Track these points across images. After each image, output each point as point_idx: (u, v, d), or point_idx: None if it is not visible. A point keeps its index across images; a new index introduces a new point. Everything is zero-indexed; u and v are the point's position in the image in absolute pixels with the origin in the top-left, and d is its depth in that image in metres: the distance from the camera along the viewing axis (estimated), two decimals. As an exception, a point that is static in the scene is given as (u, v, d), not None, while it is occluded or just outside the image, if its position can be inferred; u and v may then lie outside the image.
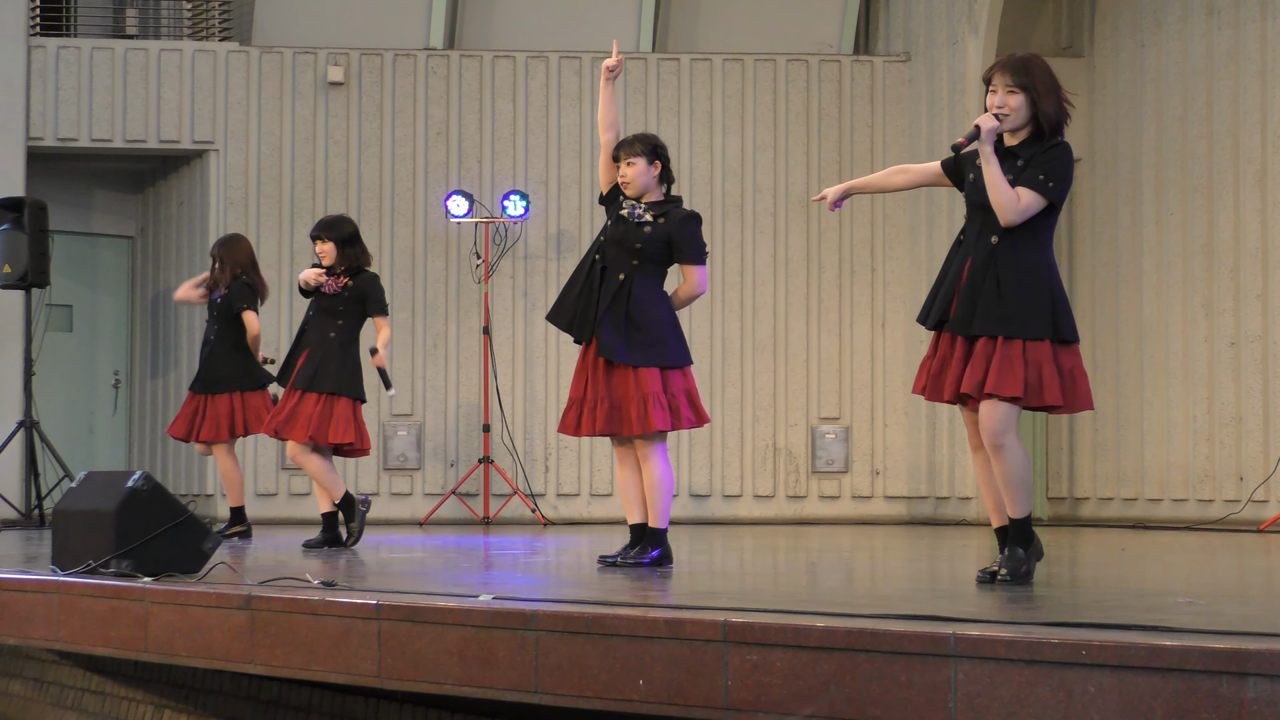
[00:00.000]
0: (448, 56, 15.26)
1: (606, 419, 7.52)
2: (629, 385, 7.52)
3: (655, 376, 7.52)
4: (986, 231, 6.24)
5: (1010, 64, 6.27)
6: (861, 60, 15.43)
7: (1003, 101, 6.22)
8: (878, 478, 15.19)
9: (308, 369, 9.70)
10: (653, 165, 7.68)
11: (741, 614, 4.91)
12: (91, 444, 15.95)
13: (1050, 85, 6.25)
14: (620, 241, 7.59)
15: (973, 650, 4.34)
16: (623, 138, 7.80)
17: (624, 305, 7.53)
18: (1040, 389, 6.15)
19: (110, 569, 6.92)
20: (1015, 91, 6.22)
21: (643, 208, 7.64)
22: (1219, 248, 13.79)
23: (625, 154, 7.68)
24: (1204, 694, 4.03)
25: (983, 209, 6.25)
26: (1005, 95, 6.23)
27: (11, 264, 13.66)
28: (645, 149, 7.69)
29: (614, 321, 7.51)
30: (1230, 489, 13.63)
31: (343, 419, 9.67)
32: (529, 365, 15.09)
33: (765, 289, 15.26)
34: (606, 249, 7.63)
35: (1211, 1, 13.91)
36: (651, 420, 7.46)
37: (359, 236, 9.99)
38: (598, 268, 7.60)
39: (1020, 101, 6.22)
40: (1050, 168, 6.19)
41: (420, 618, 5.52)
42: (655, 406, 7.49)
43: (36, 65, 14.93)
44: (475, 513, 14.72)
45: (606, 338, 7.51)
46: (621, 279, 7.55)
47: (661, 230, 7.60)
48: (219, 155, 15.07)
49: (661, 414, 7.49)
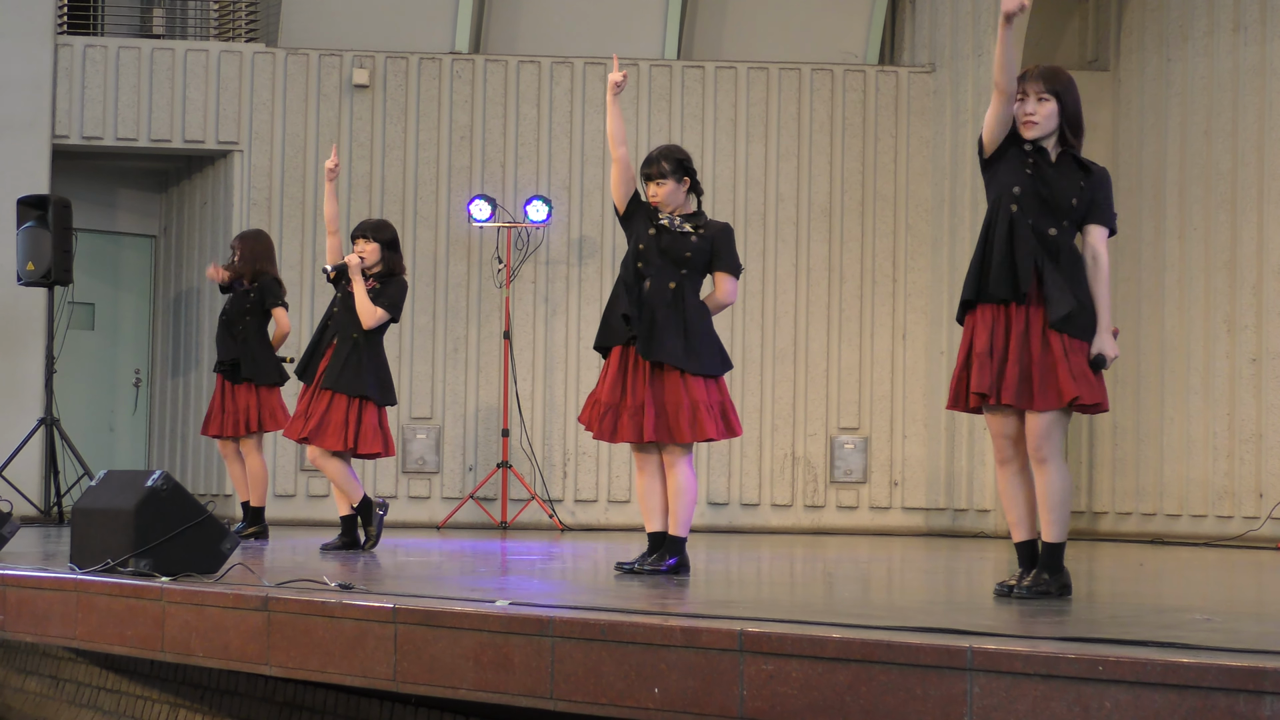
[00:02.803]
0: (473, 61, 15.28)
1: (655, 425, 7.52)
2: (680, 392, 7.54)
3: (707, 385, 7.57)
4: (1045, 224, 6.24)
5: (1040, 72, 6.33)
6: (886, 71, 15.42)
7: (1033, 109, 6.27)
8: (896, 489, 15.17)
9: (334, 368, 9.64)
10: (682, 183, 7.73)
11: (758, 623, 4.90)
12: (111, 442, 15.99)
13: (1072, 91, 6.36)
14: (667, 251, 7.63)
15: (989, 664, 4.33)
16: (647, 155, 7.83)
17: (681, 313, 7.57)
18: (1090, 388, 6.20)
19: (128, 568, 6.93)
20: (1046, 99, 6.27)
21: (679, 219, 7.69)
22: (1242, 263, 13.75)
23: (655, 174, 7.71)
24: (1221, 711, 4.02)
25: (1045, 204, 6.25)
26: (1036, 103, 6.27)
27: (35, 261, 13.70)
28: (673, 167, 7.72)
29: (673, 328, 7.54)
30: (1250, 505, 13.59)
31: (371, 427, 9.65)
32: (549, 370, 15.10)
33: (786, 298, 15.25)
34: (649, 258, 7.65)
35: (1238, 17, 13.89)
36: (704, 429, 7.51)
37: (399, 244, 9.96)
38: (643, 277, 7.63)
39: (1051, 110, 6.26)
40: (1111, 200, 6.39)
41: (436, 622, 5.52)
42: (707, 415, 7.51)
43: (63, 64, 14.97)
44: (493, 517, 14.72)
45: (669, 343, 7.52)
46: (673, 287, 7.60)
47: (706, 240, 7.68)
48: (243, 156, 15.11)
49: (714, 423, 7.53)
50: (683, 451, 7.57)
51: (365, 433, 9.61)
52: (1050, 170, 6.27)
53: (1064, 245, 6.24)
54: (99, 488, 7.43)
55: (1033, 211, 6.25)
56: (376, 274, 9.82)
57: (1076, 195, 6.26)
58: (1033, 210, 6.26)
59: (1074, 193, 6.26)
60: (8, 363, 14.70)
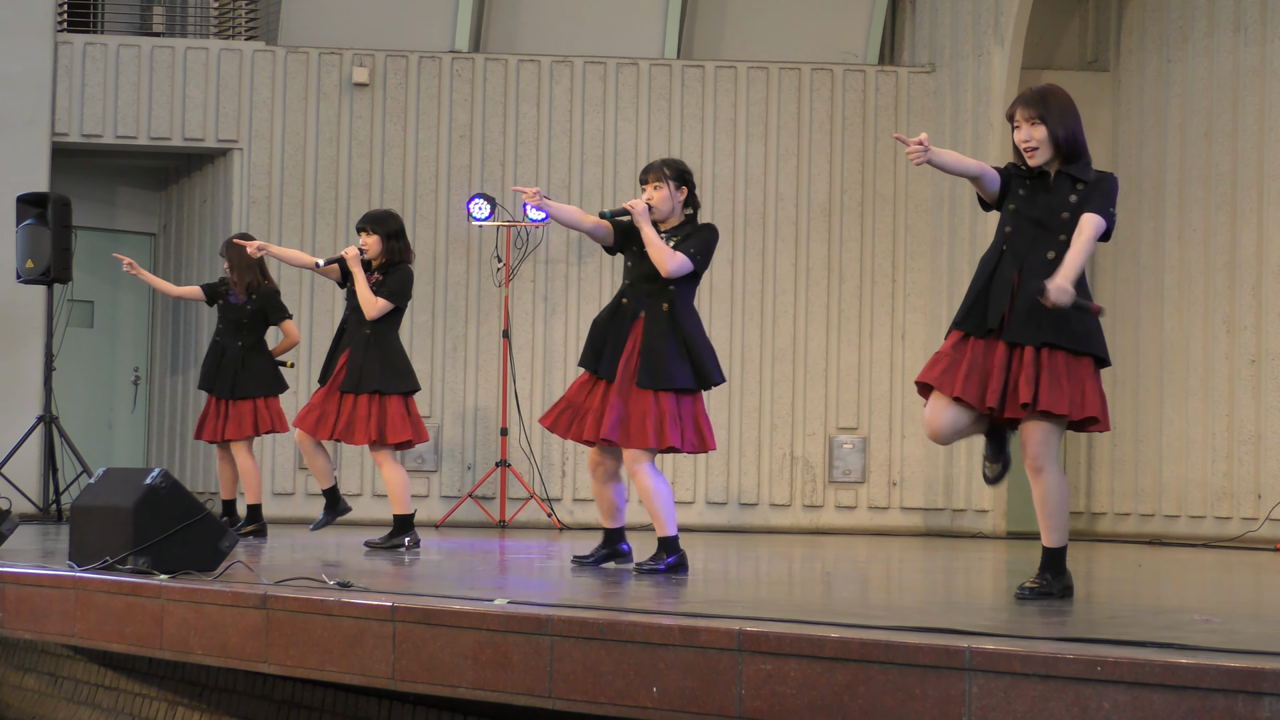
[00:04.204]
0: (472, 60, 15.28)
1: (612, 426, 7.63)
2: (647, 401, 7.62)
3: (679, 398, 7.66)
4: (1041, 247, 6.25)
5: (1027, 98, 6.39)
6: (886, 71, 15.43)
7: (1028, 135, 6.32)
8: (895, 489, 15.17)
9: (352, 371, 9.63)
10: (678, 191, 7.75)
11: (756, 623, 4.91)
12: (110, 440, 15.99)
13: (1064, 110, 6.33)
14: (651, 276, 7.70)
15: (988, 664, 4.33)
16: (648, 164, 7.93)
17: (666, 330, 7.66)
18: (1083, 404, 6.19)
19: (127, 566, 6.93)
20: (1037, 124, 6.31)
21: (664, 235, 7.72)
22: (1241, 264, 13.76)
23: (652, 177, 7.74)
24: (1219, 712, 4.02)
25: (1039, 225, 6.26)
26: (1029, 130, 6.32)
27: (34, 259, 13.69)
28: (671, 173, 7.78)
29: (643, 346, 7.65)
30: (1248, 507, 13.59)
31: (397, 416, 9.63)
32: (548, 369, 15.10)
33: (786, 298, 15.25)
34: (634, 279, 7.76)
35: (1238, 18, 13.89)
36: (667, 436, 7.61)
37: (404, 233, 9.90)
38: (623, 297, 7.75)
39: (1044, 134, 6.31)
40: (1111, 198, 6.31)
41: (435, 620, 5.52)
42: (673, 425, 7.59)
43: (63, 61, 14.97)
44: (491, 516, 14.73)
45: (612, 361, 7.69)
46: (666, 309, 7.69)
47: (684, 248, 7.72)
48: (243, 154, 15.11)
49: (677, 433, 7.61)
50: (640, 457, 7.62)
51: (393, 422, 9.61)
52: (1044, 193, 6.29)
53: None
54: (98, 485, 7.43)
55: (1027, 237, 6.28)
56: (380, 265, 9.80)
57: (1068, 210, 6.27)
58: (1027, 236, 6.29)
59: (1065, 207, 6.28)
60: (7, 360, 14.70)
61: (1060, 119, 6.30)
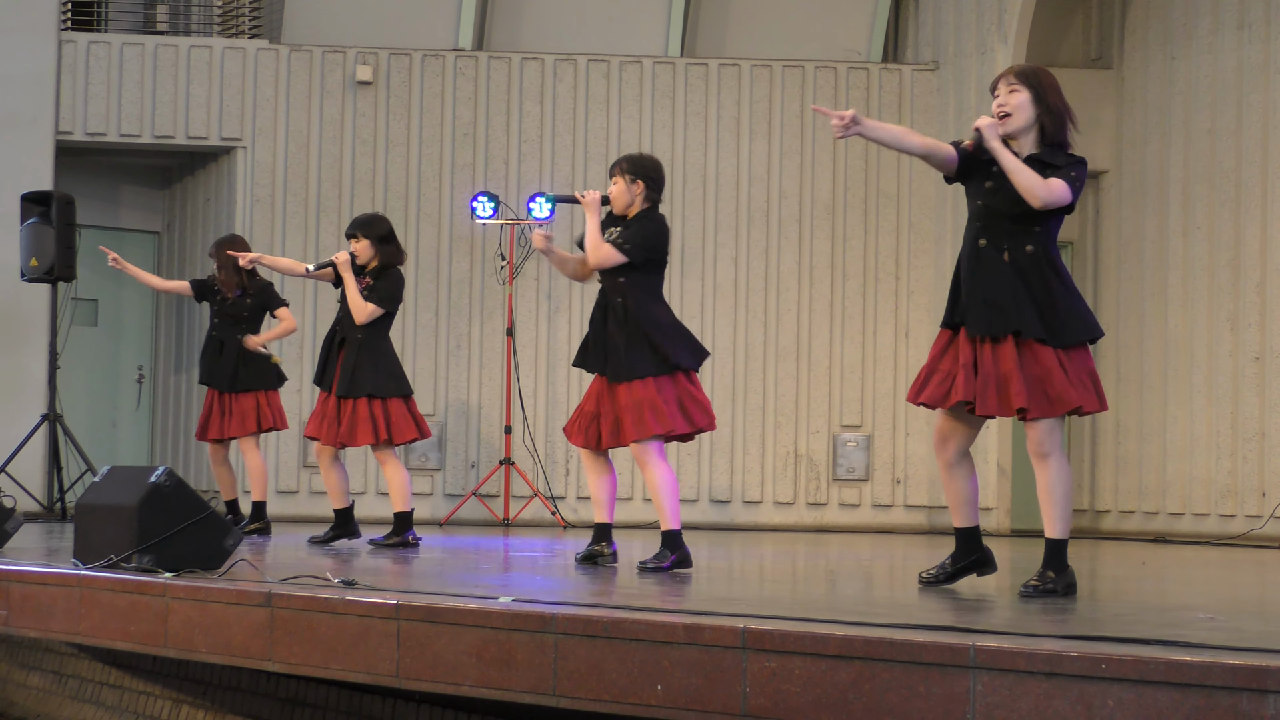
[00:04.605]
0: (476, 58, 15.28)
1: (610, 433, 7.82)
2: (624, 395, 7.78)
3: (659, 382, 7.77)
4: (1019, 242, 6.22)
5: (1012, 68, 6.37)
6: (890, 68, 15.42)
7: (1004, 100, 6.25)
8: (898, 486, 15.17)
9: (345, 374, 9.66)
10: (634, 185, 7.99)
11: (760, 620, 4.91)
12: (114, 438, 16.00)
13: (1048, 87, 6.27)
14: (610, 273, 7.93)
15: (992, 662, 4.33)
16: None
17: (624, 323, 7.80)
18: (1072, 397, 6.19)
19: (131, 564, 6.94)
20: (1017, 89, 6.25)
21: (616, 231, 7.93)
22: (1245, 262, 13.75)
23: (613, 171, 8.08)
24: (1224, 710, 4.02)
25: (1012, 219, 6.23)
26: (1007, 95, 6.26)
27: (38, 257, 13.70)
28: (628, 166, 8.05)
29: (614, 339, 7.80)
30: (1253, 504, 13.58)
31: (400, 417, 9.71)
32: (551, 367, 15.10)
33: (789, 295, 15.25)
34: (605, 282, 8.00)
35: (1242, 15, 13.88)
36: (646, 426, 7.70)
37: (394, 235, 9.98)
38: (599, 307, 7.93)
39: (1022, 100, 6.23)
40: (1078, 171, 6.20)
41: (439, 618, 5.52)
42: (650, 412, 7.69)
43: (67, 60, 14.97)
44: (495, 514, 14.73)
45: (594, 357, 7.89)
46: (620, 301, 7.86)
47: (624, 238, 7.91)
48: (246, 152, 15.11)
49: (656, 419, 7.73)
50: (643, 449, 7.70)
51: (396, 423, 9.68)
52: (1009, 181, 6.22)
53: (1040, 259, 6.21)
54: (102, 484, 7.43)
55: (1002, 231, 6.24)
56: (372, 269, 9.83)
57: None
58: (1002, 230, 6.24)
59: None
60: (11, 359, 14.71)
61: (1042, 93, 6.23)
